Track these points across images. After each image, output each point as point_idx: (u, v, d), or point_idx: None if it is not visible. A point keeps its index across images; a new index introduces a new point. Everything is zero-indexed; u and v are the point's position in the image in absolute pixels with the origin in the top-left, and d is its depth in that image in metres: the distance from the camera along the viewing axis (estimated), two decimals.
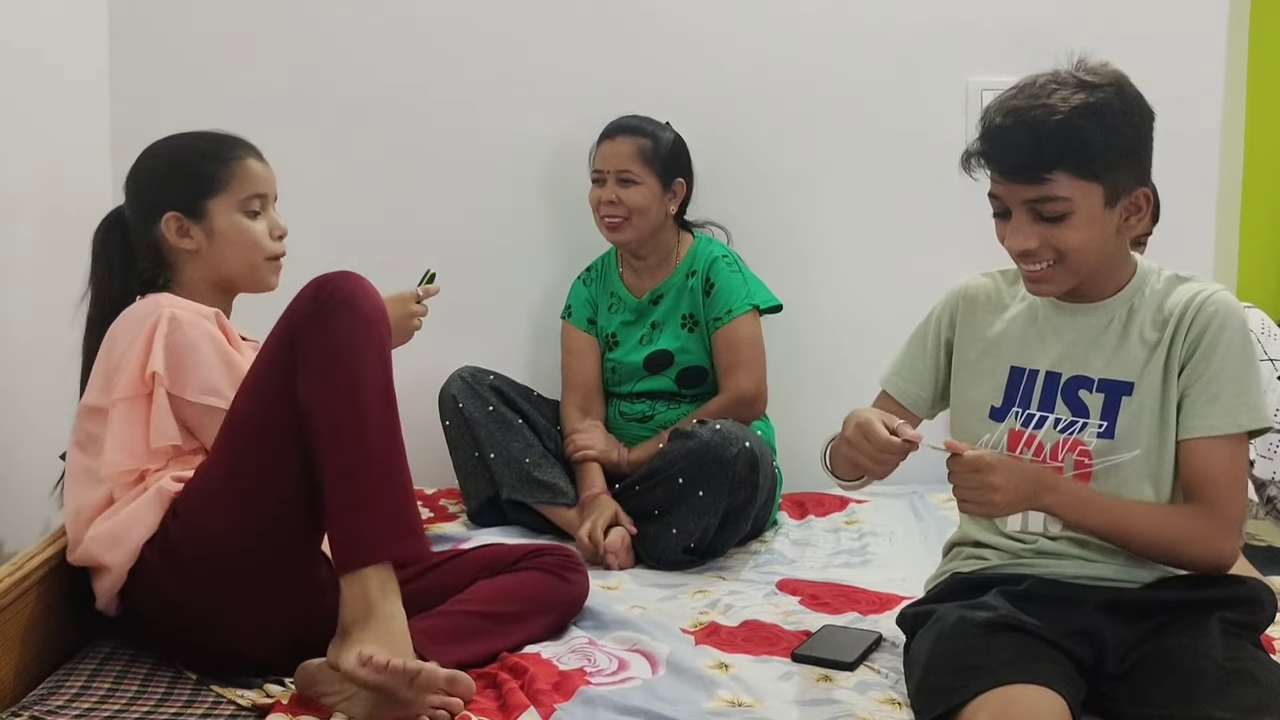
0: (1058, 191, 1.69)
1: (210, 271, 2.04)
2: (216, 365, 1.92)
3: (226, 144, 2.06)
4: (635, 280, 2.76)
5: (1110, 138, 1.69)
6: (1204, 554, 1.74)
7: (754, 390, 2.63)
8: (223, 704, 1.80)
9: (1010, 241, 1.75)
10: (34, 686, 1.83)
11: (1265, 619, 1.77)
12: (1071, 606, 1.73)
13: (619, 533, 2.46)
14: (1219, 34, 2.93)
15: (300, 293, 1.84)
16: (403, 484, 1.81)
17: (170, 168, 2.05)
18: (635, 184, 2.65)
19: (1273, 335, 2.38)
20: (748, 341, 2.65)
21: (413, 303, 2.17)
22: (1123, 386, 1.77)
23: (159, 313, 1.92)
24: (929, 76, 2.93)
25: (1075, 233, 1.71)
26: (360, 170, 2.93)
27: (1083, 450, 1.77)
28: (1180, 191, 2.50)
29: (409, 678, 1.69)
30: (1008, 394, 1.83)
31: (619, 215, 2.65)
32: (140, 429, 1.90)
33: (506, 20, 2.92)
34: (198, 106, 2.80)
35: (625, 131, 2.68)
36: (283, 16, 2.91)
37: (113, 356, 1.93)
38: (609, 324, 2.77)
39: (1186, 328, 1.74)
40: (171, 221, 2.01)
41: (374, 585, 1.76)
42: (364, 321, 1.81)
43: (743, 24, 2.94)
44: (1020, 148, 1.69)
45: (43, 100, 2.41)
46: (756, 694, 1.82)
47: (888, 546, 2.54)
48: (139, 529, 1.87)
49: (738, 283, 2.66)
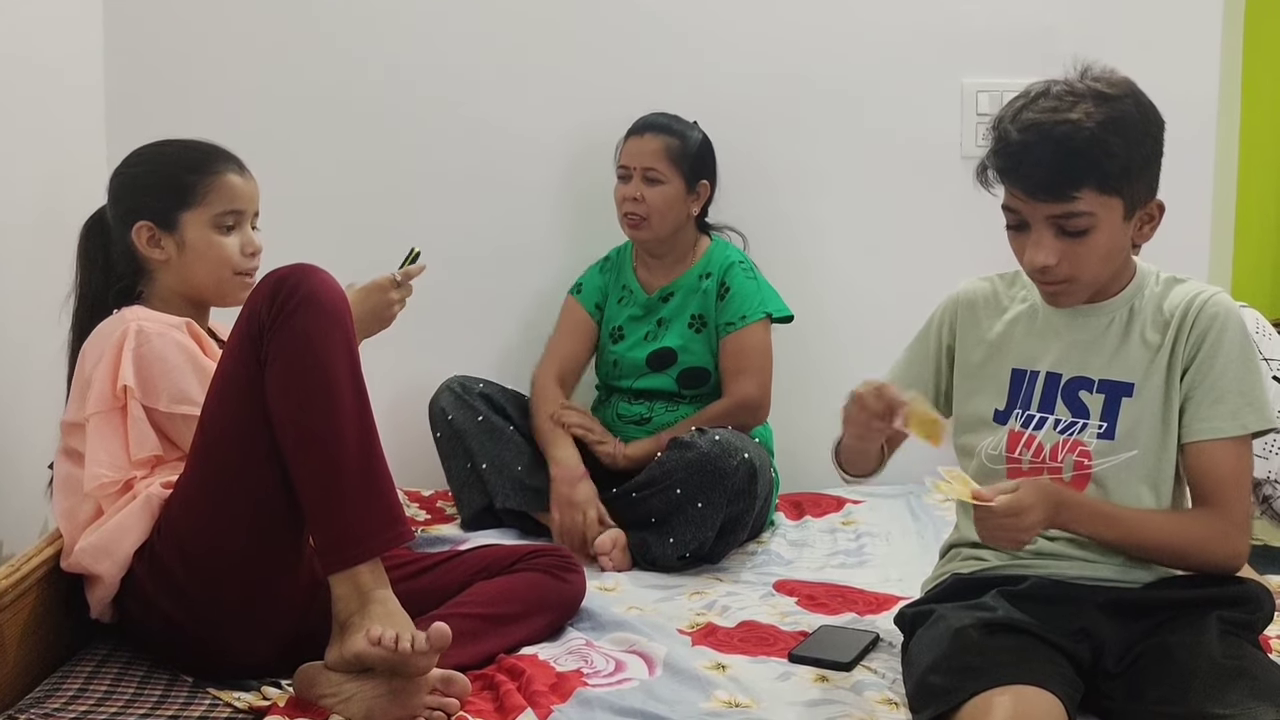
0: (1082, 207, 1.67)
1: (180, 283, 2.03)
2: (188, 374, 1.92)
3: (210, 157, 2.05)
4: (648, 276, 2.75)
5: (1133, 151, 1.68)
6: (1218, 555, 1.75)
7: (758, 397, 2.61)
8: (220, 706, 1.80)
9: (1030, 257, 1.72)
10: (31, 689, 1.83)
11: (1263, 619, 1.78)
12: (1070, 606, 1.73)
13: (612, 534, 2.46)
14: (1214, 34, 2.93)
15: (255, 291, 1.83)
16: (380, 475, 1.81)
17: (149, 176, 2.04)
18: (660, 183, 2.63)
19: (1267, 335, 2.39)
20: (757, 349, 2.63)
21: (390, 289, 2.14)
22: (1123, 388, 1.77)
23: (125, 326, 1.92)
24: (923, 78, 2.93)
25: (1096, 247, 1.70)
26: (355, 171, 2.92)
27: (1082, 451, 1.78)
28: (1175, 192, 2.48)
29: (420, 644, 1.70)
30: (1010, 396, 1.83)
31: (640, 213, 2.64)
32: (117, 442, 1.90)
33: (508, 21, 2.91)
34: (194, 108, 2.83)
35: (654, 129, 2.66)
36: (279, 18, 2.90)
37: (84, 372, 1.93)
38: (617, 316, 2.76)
39: (1189, 330, 1.75)
40: (143, 230, 2.01)
41: (365, 579, 1.77)
42: (327, 316, 1.80)
43: (742, 26, 2.93)
44: (1047, 166, 1.66)
45: (38, 103, 2.40)
46: (754, 694, 1.82)
47: (884, 547, 2.54)
48: (129, 539, 1.87)
49: (753, 290, 2.65)
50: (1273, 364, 2.36)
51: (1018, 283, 1.89)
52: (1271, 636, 1.98)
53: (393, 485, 1.84)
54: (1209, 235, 3.02)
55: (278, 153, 2.82)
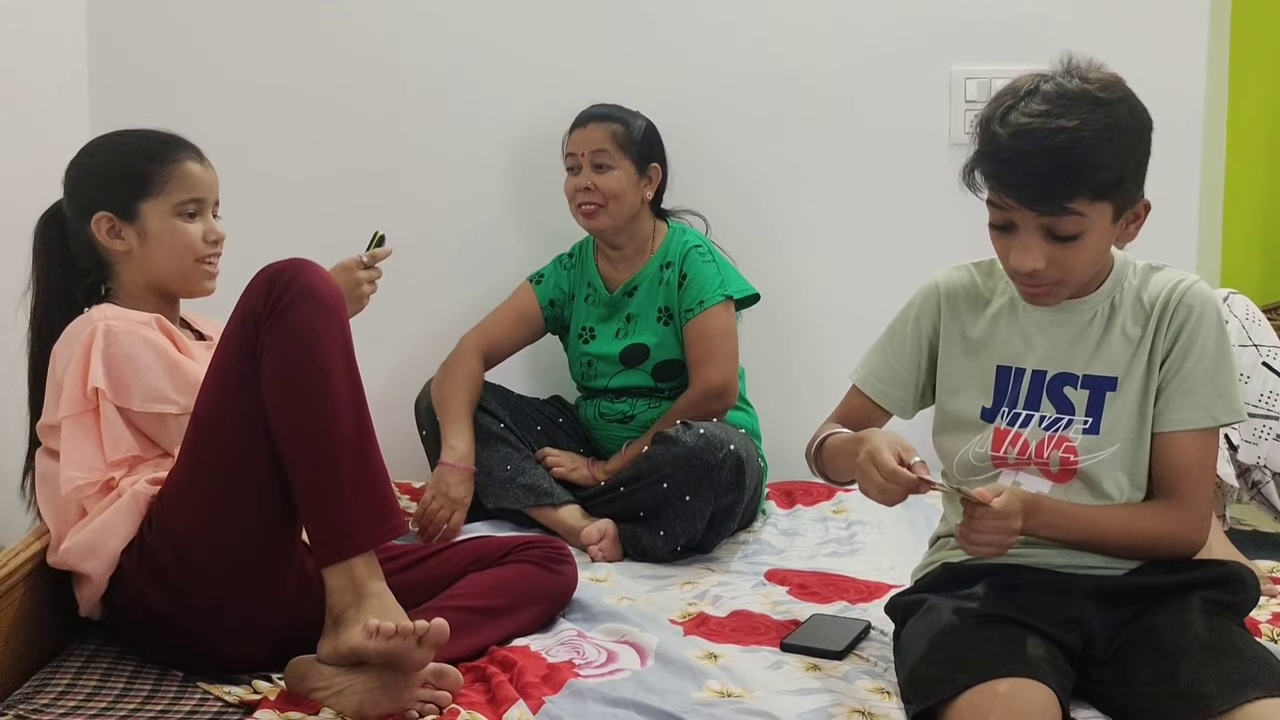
0: (1075, 213, 1.65)
1: (144, 275, 2.01)
2: (158, 371, 1.91)
3: (168, 145, 2.03)
4: (611, 271, 2.73)
5: (1126, 159, 1.66)
6: (1180, 545, 1.77)
7: (722, 383, 2.57)
8: (210, 700, 1.79)
9: (1016, 260, 1.70)
10: (19, 684, 1.82)
11: (1248, 600, 1.79)
12: (1060, 595, 1.74)
13: (601, 525, 2.46)
14: (1201, 24, 2.93)
15: (251, 285, 1.82)
16: (375, 468, 1.81)
17: (107, 166, 2.01)
18: (610, 169, 2.62)
19: (1257, 321, 2.39)
20: (719, 334, 2.59)
21: (357, 270, 2.14)
22: (1107, 382, 1.78)
23: (93, 327, 1.90)
24: (912, 66, 2.93)
25: (1084, 251, 1.69)
26: (335, 165, 2.90)
27: (1068, 447, 1.78)
28: (1164, 181, 2.48)
29: (419, 636, 1.70)
30: (996, 394, 1.83)
31: (595, 201, 2.62)
32: (91, 444, 1.88)
33: (487, 12, 2.90)
34: (175, 97, 2.81)
35: (597, 118, 2.66)
36: (258, 11, 2.88)
37: (56, 374, 1.92)
38: (586, 317, 2.73)
39: (1168, 321, 1.75)
40: (102, 221, 1.98)
41: (360, 572, 1.77)
42: (323, 309, 1.79)
43: (720, 12, 2.92)
44: (1042, 176, 1.63)
45: (22, 97, 2.39)
46: (746, 684, 1.82)
47: (876, 535, 2.54)
48: (116, 537, 1.86)
49: (711, 273, 2.62)
50: (1262, 350, 2.37)
51: (995, 273, 1.87)
52: (1261, 621, 1.99)
53: (388, 478, 1.83)
54: (1197, 224, 3.02)
55: (252, 144, 2.83)
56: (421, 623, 1.71)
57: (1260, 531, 2.52)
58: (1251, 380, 2.34)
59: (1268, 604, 2.08)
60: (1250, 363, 2.35)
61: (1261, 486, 2.37)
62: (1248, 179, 3.51)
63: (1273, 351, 2.36)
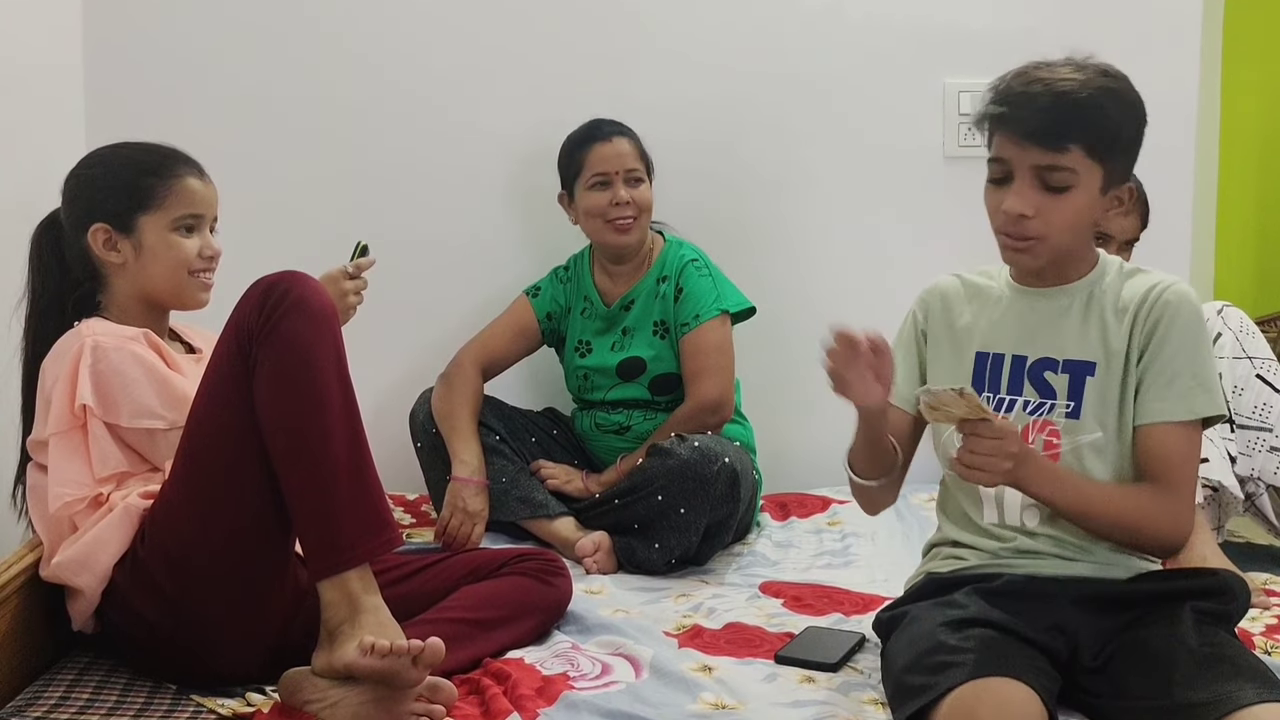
0: (1068, 163, 1.72)
1: (136, 288, 2.01)
2: (146, 386, 1.90)
3: (169, 159, 2.03)
4: (609, 285, 2.73)
5: (1124, 124, 1.75)
6: (1165, 533, 1.77)
7: (717, 398, 2.57)
8: (203, 713, 1.78)
9: (1008, 204, 1.75)
10: (12, 698, 1.81)
11: (1238, 610, 1.80)
12: (1043, 602, 1.75)
13: (595, 537, 2.45)
14: (1193, 39, 2.95)
15: (245, 297, 1.82)
16: (369, 480, 1.80)
17: (107, 178, 2.01)
18: (642, 182, 2.64)
19: (1251, 334, 2.39)
20: (715, 348, 2.60)
21: (343, 281, 2.15)
22: (1086, 366, 1.80)
23: (81, 343, 1.90)
24: (906, 79, 2.94)
25: (1070, 208, 1.74)
26: (331, 174, 2.91)
27: (1051, 430, 1.80)
28: (1157, 193, 2.52)
29: (413, 656, 1.69)
30: (975, 379, 1.86)
31: (631, 215, 2.62)
32: (79, 461, 1.88)
33: (486, 23, 2.91)
34: (171, 103, 2.81)
35: (618, 133, 2.65)
36: (256, 17, 2.89)
37: (45, 390, 1.92)
38: (583, 330, 2.73)
39: (1145, 316, 1.78)
40: (99, 233, 1.98)
41: (355, 585, 1.76)
42: (317, 321, 1.79)
43: (716, 26, 2.94)
44: (1045, 111, 1.72)
45: (17, 102, 2.39)
46: (740, 696, 1.82)
47: (870, 547, 2.54)
48: (107, 552, 1.85)
49: (707, 287, 2.63)
50: (1256, 362, 2.37)
51: (983, 275, 1.93)
52: (1255, 634, 2.00)
53: (382, 490, 1.83)
54: (1190, 237, 3.03)
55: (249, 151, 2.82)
56: (416, 642, 1.70)
57: (1254, 544, 2.52)
58: (1245, 393, 2.35)
59: (1261, 616, 2.08)
60: (1244, 375, 2.35)
61: (1256, 499, 2.37)
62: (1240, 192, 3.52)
63: (1267, 364, 2.37)
